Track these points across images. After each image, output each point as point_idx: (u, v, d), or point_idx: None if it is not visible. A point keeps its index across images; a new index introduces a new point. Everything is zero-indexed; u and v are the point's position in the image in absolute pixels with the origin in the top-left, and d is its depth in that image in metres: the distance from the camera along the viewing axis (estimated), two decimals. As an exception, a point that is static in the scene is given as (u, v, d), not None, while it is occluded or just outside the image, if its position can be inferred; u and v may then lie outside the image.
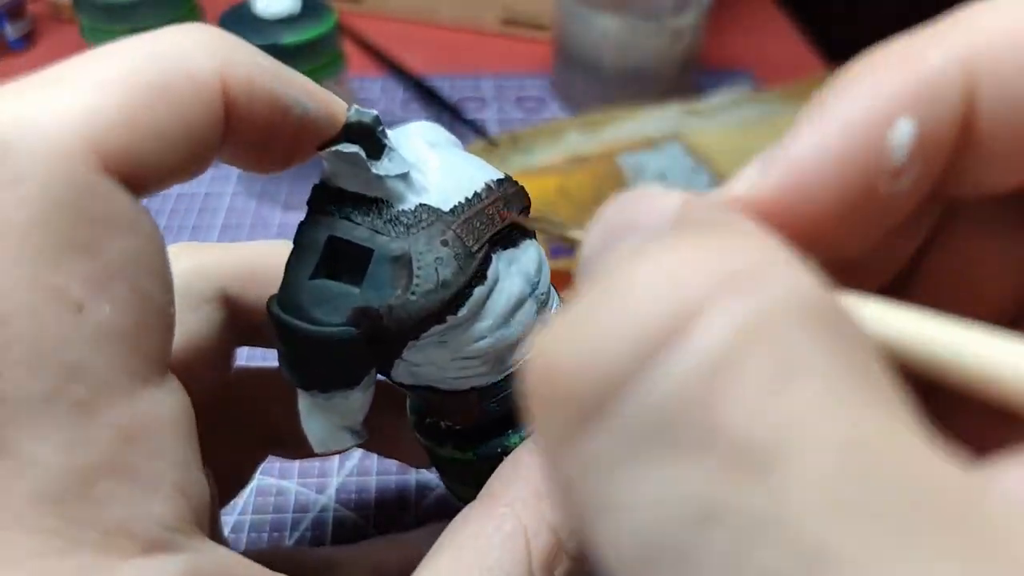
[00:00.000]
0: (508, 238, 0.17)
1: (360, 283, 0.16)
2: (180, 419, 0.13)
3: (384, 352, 0.16)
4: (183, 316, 0.18)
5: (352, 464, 0.31)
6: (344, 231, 0.16)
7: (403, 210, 0.16)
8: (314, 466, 0.31)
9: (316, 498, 0.30)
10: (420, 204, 0.16)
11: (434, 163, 0.17)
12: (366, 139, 0.16)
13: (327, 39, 0.39)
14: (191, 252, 0.20)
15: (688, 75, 0.51)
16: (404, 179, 0.16)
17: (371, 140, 0.16)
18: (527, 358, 0.09)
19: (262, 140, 0.15)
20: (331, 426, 0.18)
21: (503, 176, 0.18)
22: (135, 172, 0.13)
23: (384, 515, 0.29)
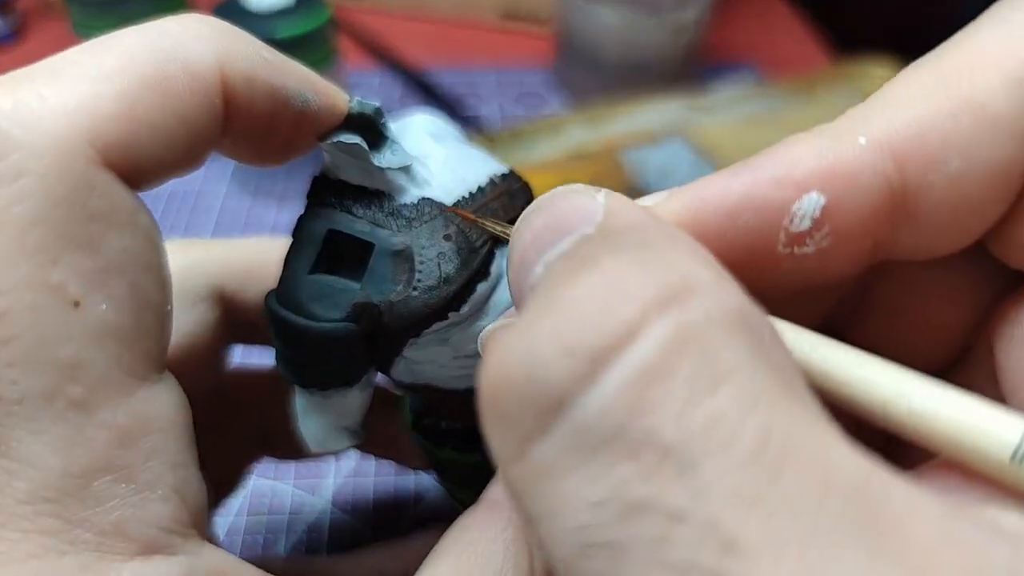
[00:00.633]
0: None
1: (360, 278, 0.15)
2: (177, 418, 0.13)
3: (384, 349, 0.16)
4: (177, 314, 0.18)
5: (349, 466, 0.30)
6: (344, 224, 0.15)
7: (405, 203, 0.15)
8: (310, 468, 0.30)
9: (312, 500, 0.29)
10: (422, 198, 0.15)
11: (437, 156, 0.16)
12: (368, 130, 0.15)
13: (321, 33, 0.39)
14: (186, 249, 0.20)
15: (691, 69, 0.51)
16: (406, 172, 0.15)
17: (373, 132, 0.15)
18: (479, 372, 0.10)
19: (262, 132, 0.15)
20: (328, 426, 0.17)
21: (507, 170, 0.17)
22: (133, 166, 0.12)
23: (381, 518, 0.29)
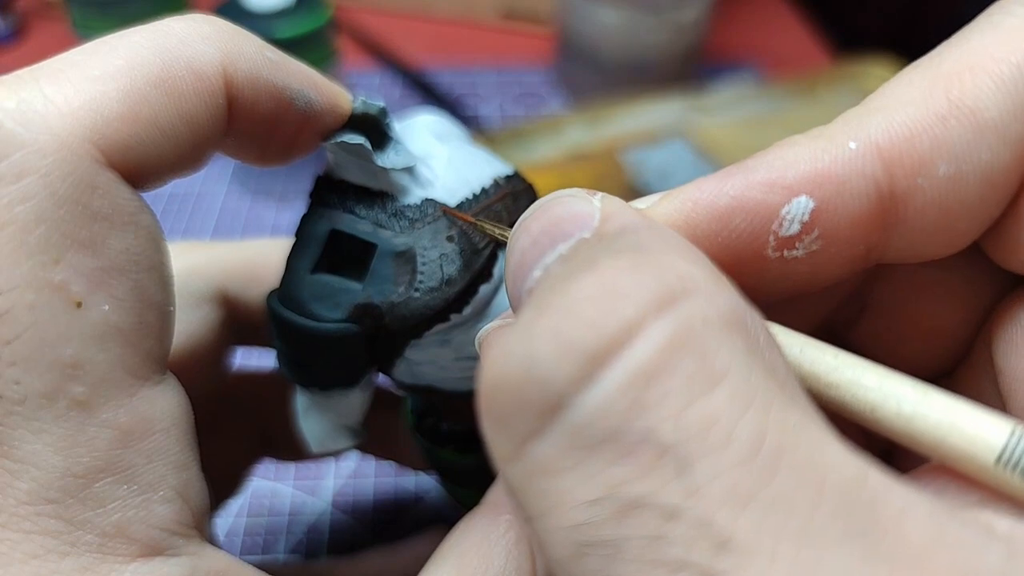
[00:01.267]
0: None
1: (362, 278, 0.15)
2: (179, 419, 0.13)
3: (385, 350, 0.16)
4: (180, 315, 0.18)
5: (349, 467, 0.30)
6: (347, 225, 0.15)
7: (408, 204, 0.15)
8: (310, 469, 0.30)
9: (312, 501, 0.29)
10: (426, 199, 0.15)
11: (441, 157, 0.16)
12: (372, 131, 0.15)
13: (321, 33, 0.39)
14: (189, 251, 0.20)
15: (691, 69, 0.51)
16: (410, 172, 0.15)
17: (377, 132, 0.15)
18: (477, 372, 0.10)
19: (265, 132, 0.15)
20: (329, 425, 0.17)
21: (512, 171, 0.17)
22: (137, 165, 0.12)
23: (381, 519, 0.29)
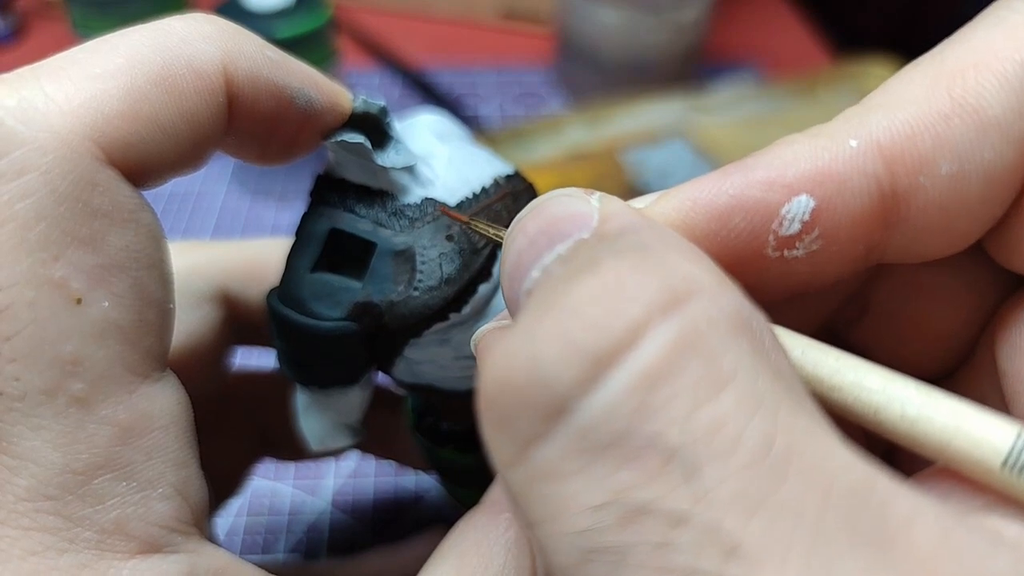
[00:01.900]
0: None
1: (362, 277, 0.15)
2: (179, 417, 0.13)
3: (384, 349, 0.16)
4: (180, 315, 0.18)
5: (349, 467, 0.30)
6: (347, 223, 0.15)
7: (408, 203, 0.15)
8: (310, 469, 0.30)
9: (312, 501, 0.29)
10: (426, 198, 0.15)
11: (442, 156, 0.16)
12: (372, 130, 0.15)
13: (321, 33, 0.39)
14: (190, 250, 0.20)
15: (691, 69, 0.51)
16: (410, 172, 0.15)
17: (378, 131, 0.15)
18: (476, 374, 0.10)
19: (265, 131, 0.15)
20: (329, 423, 0.17)
21: (512, 171, 0.17)
22: (137, 163, 0.12)
23: (381, 518, 0.29)
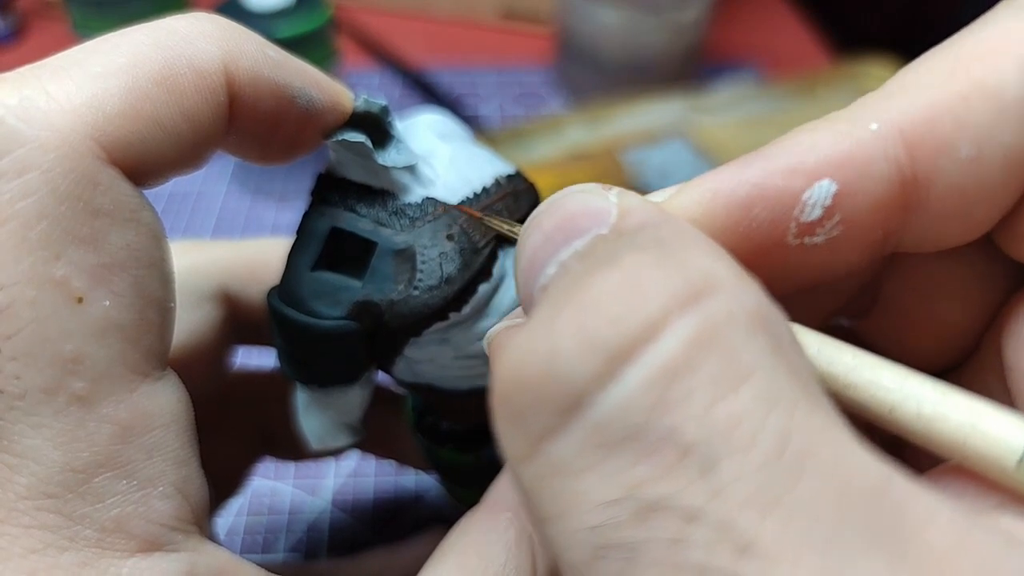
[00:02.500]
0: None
1: (362, 276, 0.15)
2: (179, 415, 0.13)
3: (384, 348, 0.16)
4: (181, 314, 0.18)
5: (349, 466, 0.30)
6: (347, 222, 0.15)
7: (409, 203, 0.15)
8: (310, 468, 0.30)
9: (312, 500, 0.29)
10: (426, 197, 0.15)
11: (443, 156, 0.16)
12: (374, 129, 0.15)
13: (321, 33, 0.39)
14: (191, 249, 0.20)
15: (691, 69, 0.51)
16: (411, 171, 0.16)
17: (379, 130, 0.15)
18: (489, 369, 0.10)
19: (266, 130, 0.15)
20: (329, 422, 0.17)
21: (514, 171, 0.17)
22: (138, 162, 0.12)
23: (381, 518, 0.29)
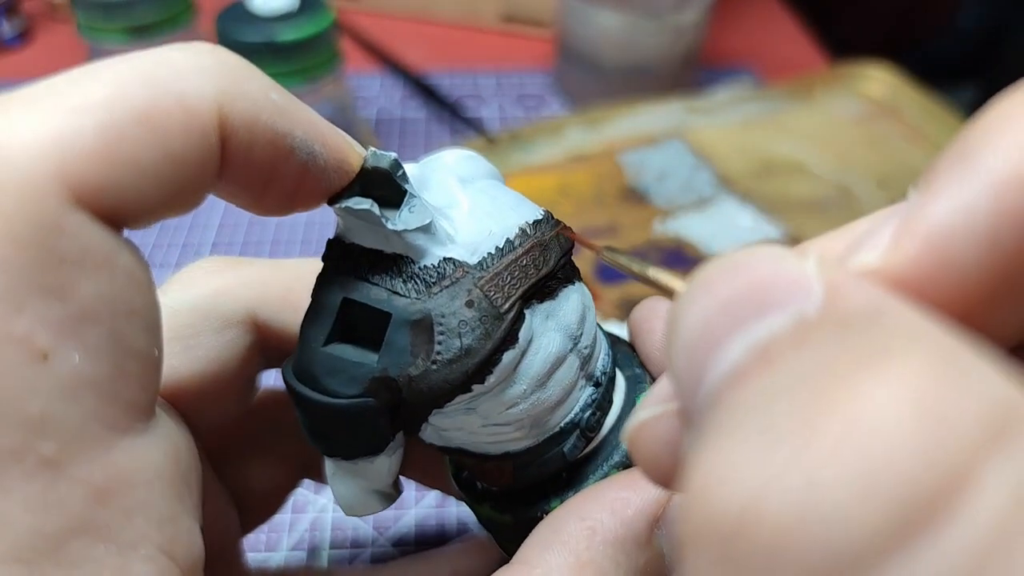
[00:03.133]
0: (545, 289, 0.15)
1: (378, 348, 0.14)
2: (165, 469, 0.12)
3: (408, 418, 0.15)
4: (205, 339, 0.17)
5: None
6: (359, 293, 0.15)
7: (425, 266, 0.14)
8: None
9: (314, 498, 0.29)
10: (444, 258, 0.14)
11: (463, 206, 0.15)
12: (385, 186, 0.14)
13: (324, 36, 0.39)
14: (222, 270, 0.19)
15: (690, 72, 0.51)
16: (426, 230, 0.14)
17: (390, 187, 0.14)
18: (679, 494, 0.08)
19: (261, 181, 0.13)
20: (359, 490, 0.17)
21: (542, 215, 0.16)
22: (114, 206, 0.11)
23: (382, 516, 0.29)
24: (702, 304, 0.09)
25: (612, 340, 0.19)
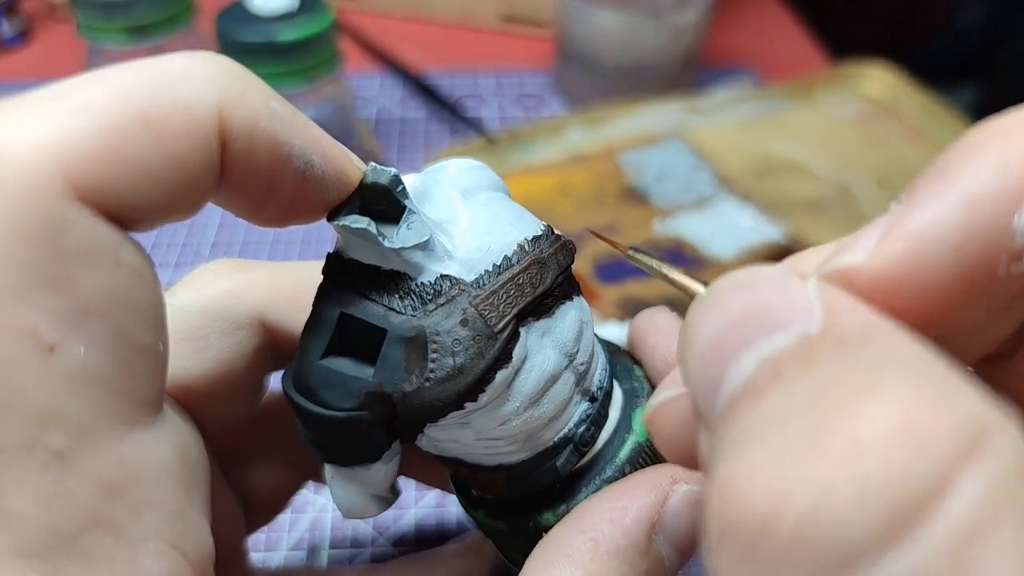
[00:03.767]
0: (541, 307, 0.15)
1: (375, 362, 0.15)
2: (174, 464, 0.13)
3: (404, 429, 0.15)
4: (215, 340, 0.17)
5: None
6: (356, 308, 0.15)
7: (422, 283, 0.14)
8: (312, 466, 0.30)
9: (314, 498, 0.29)
10: (441, 275, 0.15)
11: (463, 221, 0.15)
12: (384, 201, 0.15)
13: (324, 36, 0.39)
14: (232, 271, 0.19)
15: (690, 72, 0.51)
16: (424, 247, 0.14)
17: (389, 202, 0.15)
18: (706, 504, 0.09)
19: (259, 189, 0.14)
20: (357, 494, 0.17)
21: (542, 231, 0.16)
22: (116, 205, 0.12)
23: (382, 516, 0.29)
24: (714, 319, 0.10)
25: (611, 351, 0.19)
